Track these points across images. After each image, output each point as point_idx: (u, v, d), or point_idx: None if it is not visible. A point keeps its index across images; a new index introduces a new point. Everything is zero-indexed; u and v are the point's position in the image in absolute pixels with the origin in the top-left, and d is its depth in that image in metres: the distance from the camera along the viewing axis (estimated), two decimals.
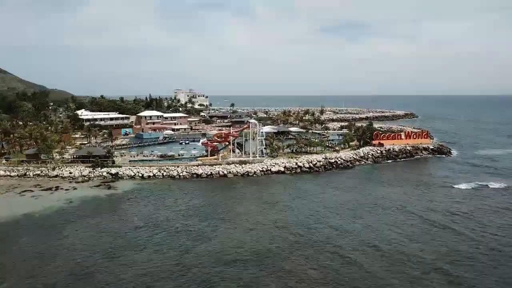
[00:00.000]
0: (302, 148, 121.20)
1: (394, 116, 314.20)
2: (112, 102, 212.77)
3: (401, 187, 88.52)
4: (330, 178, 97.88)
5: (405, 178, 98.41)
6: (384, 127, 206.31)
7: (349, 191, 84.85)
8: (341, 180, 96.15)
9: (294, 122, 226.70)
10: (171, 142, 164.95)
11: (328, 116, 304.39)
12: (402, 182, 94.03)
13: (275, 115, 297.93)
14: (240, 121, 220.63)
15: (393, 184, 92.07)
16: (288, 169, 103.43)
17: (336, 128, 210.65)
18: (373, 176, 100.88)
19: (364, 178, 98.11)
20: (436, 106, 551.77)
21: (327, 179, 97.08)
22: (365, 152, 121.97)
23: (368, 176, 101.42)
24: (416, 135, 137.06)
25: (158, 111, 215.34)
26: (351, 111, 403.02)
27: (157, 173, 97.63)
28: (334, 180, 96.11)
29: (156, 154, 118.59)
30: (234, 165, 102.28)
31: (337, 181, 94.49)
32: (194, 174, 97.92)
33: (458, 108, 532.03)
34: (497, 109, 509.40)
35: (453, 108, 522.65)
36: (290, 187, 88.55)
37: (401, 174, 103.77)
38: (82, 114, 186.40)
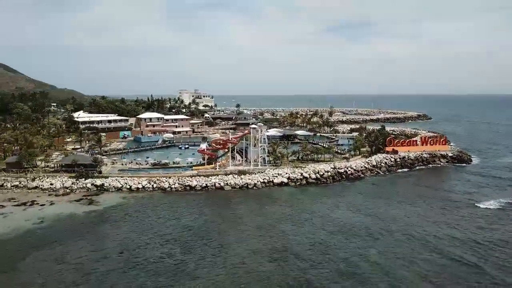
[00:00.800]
0: (308, 156, 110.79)
1: (406, 118, 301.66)
2: (111, 103, 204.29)
3: (418, 206, 77.36)
4: (338, 192, 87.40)
5: (422, 193, 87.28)
6: (397, 130, 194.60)
7: (359, 211, 74.22)
8: (350, 195, 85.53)
9: (301, 124, 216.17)
10: (170, 147, 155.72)
11: (337, 117, 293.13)
12: (418, 198, 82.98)
13: (282, 116, 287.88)
14: (245, 123, 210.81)
15: (408, 201, 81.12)
16: (293, 180, 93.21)
17: (345, 131, 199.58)
18: (386, 190, 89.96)
19: (376, 193, 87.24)
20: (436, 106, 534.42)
21: (335, 193, 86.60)
22: (377, 160, 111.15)
23: (381, 190, 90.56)
24: (433, 141, 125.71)
25: (159, 113, 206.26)
26: (361, 111, 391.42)
27: (147, 185, 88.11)
28: (343, 194, 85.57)
29: (150, 162, 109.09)
30: (232, 176, 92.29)
31: (346, 196, 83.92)
32: (188, 186, 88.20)
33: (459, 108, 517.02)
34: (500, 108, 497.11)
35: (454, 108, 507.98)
36: (293, 204, 78.24)
37: (417, 187, 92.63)
38: (79, 116, 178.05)
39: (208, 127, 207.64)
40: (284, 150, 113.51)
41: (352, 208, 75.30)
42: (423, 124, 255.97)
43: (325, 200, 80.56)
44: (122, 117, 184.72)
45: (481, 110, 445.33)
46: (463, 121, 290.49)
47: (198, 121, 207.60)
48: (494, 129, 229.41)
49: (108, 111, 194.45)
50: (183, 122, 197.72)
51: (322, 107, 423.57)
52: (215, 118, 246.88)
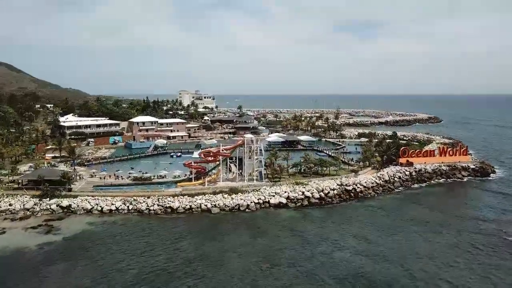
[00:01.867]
0: (311, 169, 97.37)
1: (416, 120, 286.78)
2: (103, 106, 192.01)
3: (440, 241, 63.08)
4: (346, 217, 73.80)
5: (445, 220, 73.02)
6: (408, 135, 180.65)
7: (369, 247, 60.58)
8: (359, 222, 71.70)
9: (305, 128, 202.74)
10: (162, 154, 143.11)
11: (344, 120, 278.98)
12: (439, 227, 69.09)
13: (286, 118, 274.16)
14: (245, 127, 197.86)
15: (428, 230, 67.32)
16: (292, 200, 79.90)
17: (353, 136, 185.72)
18: (402, 215, 75.83)
19: (390, 219, 73.29)
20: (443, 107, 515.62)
21: (341, 219, 72.98)
22: (390, 174, 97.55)
23: (395, 214, 76.44)
24: (452, 151, 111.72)
25: (154, 116, 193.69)
26: (369, 112, 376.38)
27: (121, 206, 75.29)
28: (351, 221, 71.87)
29: (132, 176, 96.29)
30: (221, 196, 79.14)
31: (354, 224, 70.21)
32: (169, 208, 75.27)
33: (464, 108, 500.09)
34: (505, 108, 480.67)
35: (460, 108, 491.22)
36: (291, 235, 64.89)
37: (437, 212, 78.34)
38: (66, 120, 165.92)
39: (205, 131, 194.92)
40: (284, 162, 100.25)
41: (361, 244, 61.16)
42: (434, 128, 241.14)
43: (329, 231, 66.63)
44: (113, 121, 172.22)
45: (490, 111, 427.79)
46: (475, 123, 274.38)
47: (195, 125, 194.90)
48: (510, 133, 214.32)
49: (99, 114, 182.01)
50: (179, 126, 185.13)
51: (328, 108, 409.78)
52: (214, 121, 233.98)
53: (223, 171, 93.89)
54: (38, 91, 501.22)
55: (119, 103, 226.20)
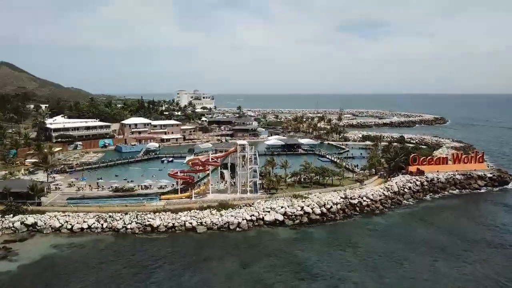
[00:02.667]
0: (312, 179, 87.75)
1: (422, 121, 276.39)
2: (93, 106, 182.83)
3: (463, 273, 53.55)
4: (350, 238, 64.08)
5: (463, 242, 63.60)
6: (415, 138, 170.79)
7: (379, 281, 51.12)
8: (366, 244, 62.16)
9: (306, 130, 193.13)
10: (152, 159, 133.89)
11: (347, 120, 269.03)
12: (459, 253, 59.60)
13: (286, 118, 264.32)
14: (244, 129, 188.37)
15: (447, 258, 57.62)
16: (290, 217, 70.36)
17: (357, 138, 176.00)
18: (414, 237, 65.65)
19: (403, 241, 63.48)
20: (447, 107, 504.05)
21: (346, 240, 63.29)
22: (399, 185, 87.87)
23: (407, 234, 66.73)
24: (467, 158, 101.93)
25: (148, 118, 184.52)
26: (372, 113, 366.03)
27: (95, 223, 66.00)
28: (357, 243, 62.23)
29: (113, 186, 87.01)
30: (209, 212, 69.69)
31: (360, 248, 60.46)
32: (148, 226, 65.93)
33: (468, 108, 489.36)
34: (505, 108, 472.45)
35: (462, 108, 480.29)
36: (287, 262, 55.32)
37: (455, 231, 68.58)
38: (53, 122, 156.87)
39: (202, 134, 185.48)
40: (281, 171, 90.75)
41: (369, 277, 51.68)
42: (441, 129, 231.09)
43: (332, 259, 57.00)
44: (103, 123, 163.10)
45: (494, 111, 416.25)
46: (482, 125, 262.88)
47: (191, 127, 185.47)
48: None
49: (89, 116, 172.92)
50: (173, 128, 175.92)
51: (331, 108, 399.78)
52: (212, 122, 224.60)
53: (213, 181, 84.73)
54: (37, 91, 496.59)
55: (112, 103, 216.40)
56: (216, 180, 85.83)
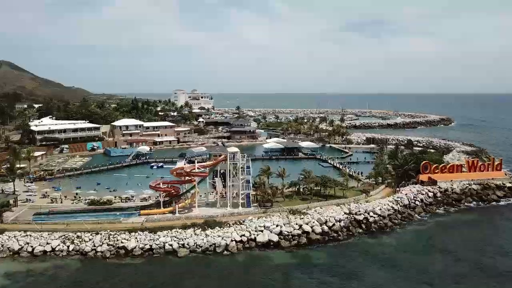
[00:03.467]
0: (312, 189, 78.48)
1: (428, 122, 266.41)
2: (83, 107, 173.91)
3: None
4: (356, 265, 54.85)
5: (490, 273, 54.43)
6: (422, 141, 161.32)
7: None
8: (374, 272, 53.01)
9: (308, 132, 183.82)
10: (142, 164, 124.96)
11: (350, 121, 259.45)
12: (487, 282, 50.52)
13: (287, 119, 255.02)
14: (241, 130, 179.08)
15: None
16: (286, 237, 61.20)
17: (361, 141, 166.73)
18: (430, 265, 56.55)
19: (415, 270, 54.01)
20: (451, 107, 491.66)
21: (351, 267, 54.07)
22: (410, 197, 78.57)
23: (421, 262, 56.84)
24: (484, 166, 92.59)
25: (141, 119, 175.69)
26: (376, 113, 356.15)
27: (60, 245, 57.07)
28: (363, 271, 53.01)
29: (89, 199, 78.11)
30: (193, 231, 60.62)
31: (368, 278, 51.31)
32: (122, 248, 56.94)
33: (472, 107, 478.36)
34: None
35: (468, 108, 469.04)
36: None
37: (473, 253, 59.51)
38: (39, 124, 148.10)
39: (197, 136, 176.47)
40: (278, 180, 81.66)
41: None
42: (447, 131, 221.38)
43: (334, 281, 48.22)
44: (93, 125, 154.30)
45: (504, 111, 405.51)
46: (491, 127, 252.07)
47: (185, 129, 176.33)
48: None
49: (78, 117, 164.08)
50: (167, 130, 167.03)
51: (333, 108, 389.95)
52: (209, 123, 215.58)
53: (203, 192, 75.75)
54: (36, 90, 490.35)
55: (106, 104, 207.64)
56: (205, 191, 76.65)
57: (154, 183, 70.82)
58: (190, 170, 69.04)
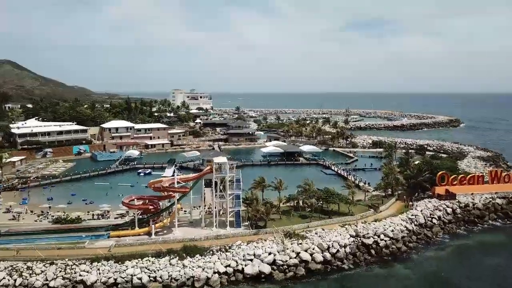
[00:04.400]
0: (313, 205, 67.97)
1: (436, 124, 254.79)
2: (71, 108, 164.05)
3: None
4: None
5: None
6: (433, 145, 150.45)
7: None
8: None
9: (310, 134, 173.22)
10: (130, 170, 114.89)
11: (354, 123, 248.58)
12: None
13: (289, 120, 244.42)
14: (239, 133, 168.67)
15: None
16: (281, 267, 50.86)
17: (366, 144, 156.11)
18: None
19: None
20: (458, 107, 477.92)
21: None
22: (425, 214, 68.08)
23: None
24: (508, 177, 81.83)
25: (133, 120, 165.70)
26: (381, 113, 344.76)
27: (5, 279, 46.97)
28: None
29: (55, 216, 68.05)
30: (169, 259, 50.39)
31: None
32: (80, 283, 46.81)
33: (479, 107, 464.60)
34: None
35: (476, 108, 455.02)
36: None
37: None
38: (22, 126, 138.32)
39: (193, 138, 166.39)
40: (274, 194, 71.29)
41: None
42: (455, 133, 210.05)
43: None
44: (80, 127, 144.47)
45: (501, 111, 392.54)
46: (503, 129, 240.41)
47: (180, 131, 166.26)
48: None
49: (66, 118, 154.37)
50: (159, 133, 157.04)
51: (336, 108, 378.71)
52: (206, 124, 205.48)
53: (187, 207, 65.64)
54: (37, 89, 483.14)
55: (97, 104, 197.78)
56: (190, 207, 66.36)
57: (127, 199, 60.56)
58: (169, 185, 58.79)
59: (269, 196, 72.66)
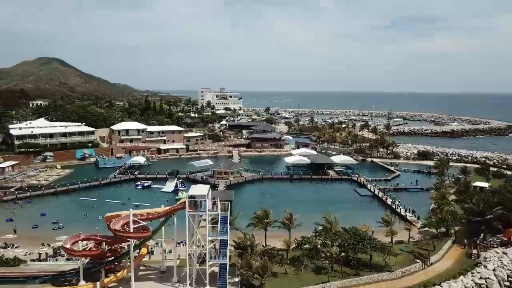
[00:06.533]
0: (334, 256, 48.03)
1: (492, 130, 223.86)
2: (81, 107, 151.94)
3: None
4: None
5: None
6: (493, 157, 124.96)
7: None
8: None
9: (345, 140, 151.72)
10: (128, 181, 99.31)
11: (397, 127, 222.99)
12: None
13: (324, 122, 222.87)
14: (262, 138, 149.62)
15: None
16: None
17: (411, 155, 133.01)
18: None
19: None
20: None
21: None
22: (501, 275, 46.64)
23: None
24: None
25: (144, 122, 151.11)
26: (427, 117, 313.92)
27: None
28: None
29: None
30: None
31: None
32: None
33: None
34: None
35: None
36: None
37: None
38: (25, 127, 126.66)
39: (211, 143, 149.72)
40: (281, 233, 52.30)
41: None
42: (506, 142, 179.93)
43: None
44: (87, 128, 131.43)
45: None
46: None
47: (197, 134, 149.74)
48: None
49: (74, 118, 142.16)
50: (175, 136, 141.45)
51: (377, 110, 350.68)
52: (232, 126, 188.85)
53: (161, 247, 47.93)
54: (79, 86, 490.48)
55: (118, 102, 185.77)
56: (174, 242, 48.60)
57: (72, 239, 43.55)
58: (122, 226, 41.26)
59: (274, 233, 53.91)
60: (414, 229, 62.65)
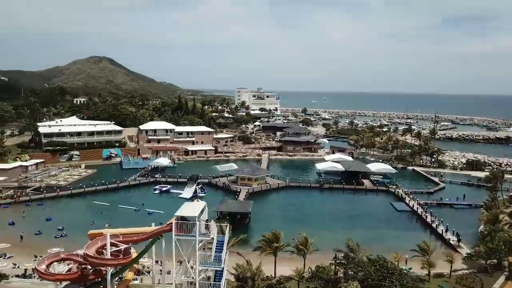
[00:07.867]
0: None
1: None
2: (112, 106, 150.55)
3: None
4: None
5: None
6: None
7: None
8: None
9: (385, 146, 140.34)
10: (148, 184, 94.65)
11: (444, 131, 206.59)
12: None
13: (366, 125, 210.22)
14: (295, 141, 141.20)
15: None
16: None
17: (458, 164, 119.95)
18: None
19: None
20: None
21: None
22: None
23: None
24: None
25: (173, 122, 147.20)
26: (479, 121, 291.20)
27: None
28: None
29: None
30: None
31: None
32: None
33: None
34: None
35: None
36: None
37: None
38: (55, 125, 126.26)
39: (242, 144, 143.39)
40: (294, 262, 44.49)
41: None
42: None
43: None
44: (115, 127, 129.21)
45: None
46: None
47: (227, 135, 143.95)
48: None
49: (104, 117, 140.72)
50: (204, 137, 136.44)
51: (423, 113, 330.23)
52: (266, 128, 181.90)
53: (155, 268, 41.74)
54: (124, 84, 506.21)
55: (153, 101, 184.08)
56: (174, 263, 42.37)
57: (49, 258, 38.04)
58: (100, 247, 35.25)
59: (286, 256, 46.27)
60: (458, 256, 52.95)
